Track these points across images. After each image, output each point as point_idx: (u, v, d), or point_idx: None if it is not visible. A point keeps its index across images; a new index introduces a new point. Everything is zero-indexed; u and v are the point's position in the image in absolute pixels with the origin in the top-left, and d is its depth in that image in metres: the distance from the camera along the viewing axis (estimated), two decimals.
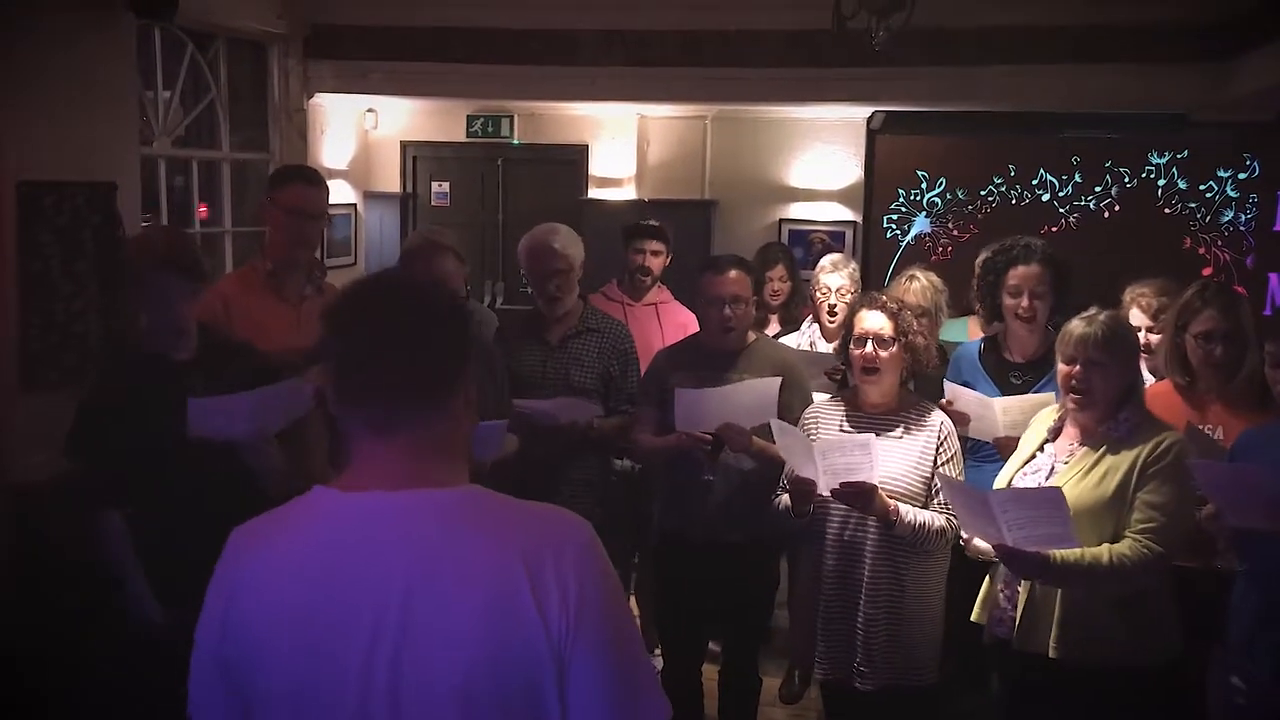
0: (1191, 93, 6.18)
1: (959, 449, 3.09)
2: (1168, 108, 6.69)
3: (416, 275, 1.65)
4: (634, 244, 4.49)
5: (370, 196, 8.02)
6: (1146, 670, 2.65)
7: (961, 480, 2.98)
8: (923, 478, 3.01)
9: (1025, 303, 3.39)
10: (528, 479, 3.07)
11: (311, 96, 6.78)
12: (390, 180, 8.16)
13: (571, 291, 3.73)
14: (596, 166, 7.82)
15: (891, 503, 2.90)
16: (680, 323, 4.39)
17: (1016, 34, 6.10)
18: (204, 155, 6.20)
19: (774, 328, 4.78)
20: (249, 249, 6.24)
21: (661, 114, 7.78)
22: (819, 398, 3.49)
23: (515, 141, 7.95)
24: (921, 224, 7.51)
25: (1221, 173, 7.18)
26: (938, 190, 7.46)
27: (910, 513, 2.93)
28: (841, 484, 2.84)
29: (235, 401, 2.81)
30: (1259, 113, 6.71)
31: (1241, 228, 7.20)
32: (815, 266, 4.61)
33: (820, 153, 7.71)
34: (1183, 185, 7.22)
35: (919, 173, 7.49)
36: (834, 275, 4.41)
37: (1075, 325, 2.77)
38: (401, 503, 1.34)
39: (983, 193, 7.40)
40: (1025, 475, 2.85)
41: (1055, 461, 2.82)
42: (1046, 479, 2.78)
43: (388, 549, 1.32)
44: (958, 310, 4.46)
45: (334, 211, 3.74)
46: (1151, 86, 6.16)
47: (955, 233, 7.44)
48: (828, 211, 7.73)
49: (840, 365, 3.54)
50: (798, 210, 7.77)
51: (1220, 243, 7.23)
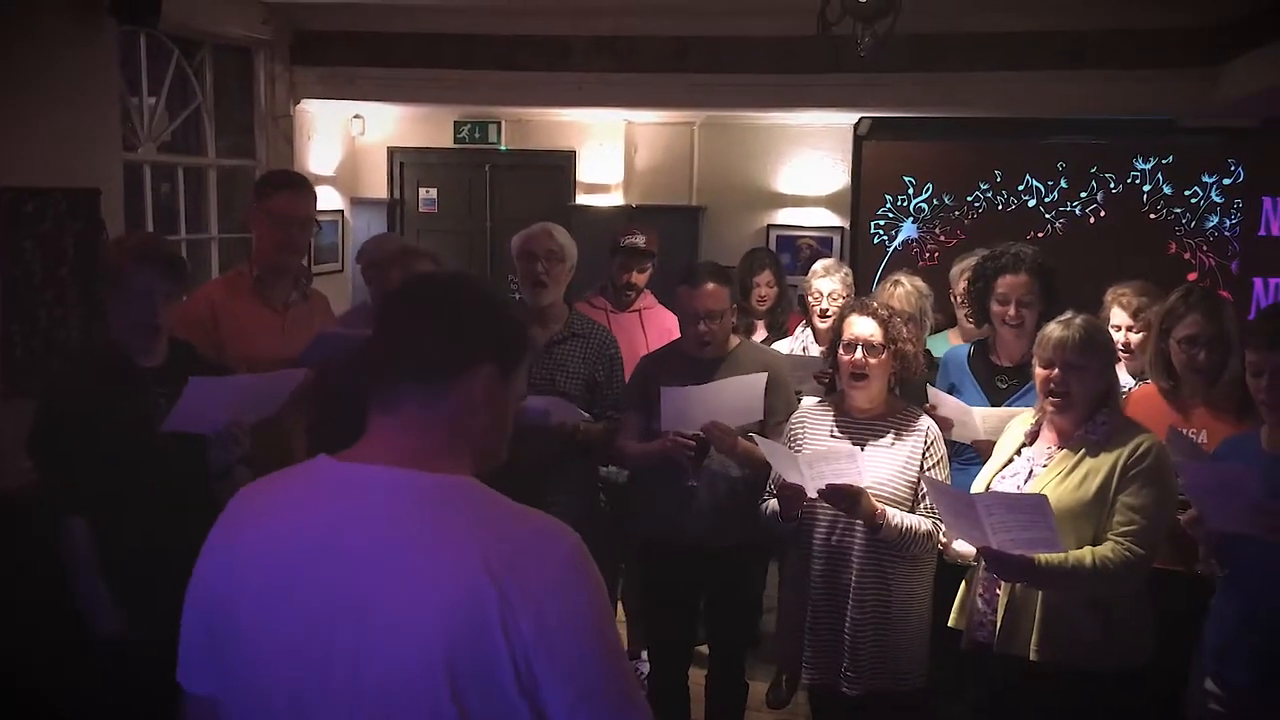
0: (1177, 99, 6.20)
1: (945, 454, 3.10)
2: (1154, 114, 6.72)
3: (393, 283, 1.69)
4: (623, 261, 4.46)
5: (357, 203, 8.01)
6: (1122, 673, 2.66)
7: (947, 484, 2.98)
8: (909, 482, 3.01)
9: (1012, 311, 3.41)
10: (514, 486, 3.05)
11: (298, 102, 6.77)
12: (377, 186, 8.15)
13: (559, 284, 3.70)
14: (584, 172, 7.82)
15: (878, 506, 2.90)
16: (665, 328, 4.38)
17: (1002, 40, 6.12)
18: (189, 161, 6.18)
19: (760, 333, 4.77)
20: (236, 255, 6.22)
21: (649, 120, 7.79)
22: (808, 401, 3.49)
23: (503, 147, 7.95)
24: (908, 230, 7.53)
25: (1206, 178, 7.22)
26: (924, 196, 7.48)
27: (897, 516, 2.93)
28: (829, 485, 2.84)
29: (231, 384, 2.79)
30: (1244, 118, 6.76)
31: (1226, 233, 7.23)
32: (803, 272, 4.61)
33: (808, 159, 7.72)
34: (1168, 190, 7.25)
35: (906, 179, 7.51)
36: (826, 280, 4.41)
37: (1052, 329, 2.78)
38: (387, 478, 1.35)
39: (969, 198, 7.43)
40: (1004, 478, 2.86)
41: (1034, 465, 2.83)
42: (1025, 482, 2.79)
43: (362, 521, 1.32)
44: (943, 315, 4.47)
45: (321, 218, 3.74)
46: (1137, 92, 6.18)
47: (942, 238, 7.46)
48: (815, 217, 7.74)
49: (829, 369, 3.54)
50: (785, 216, 7.77)
51: (1205, 248, 7.26)
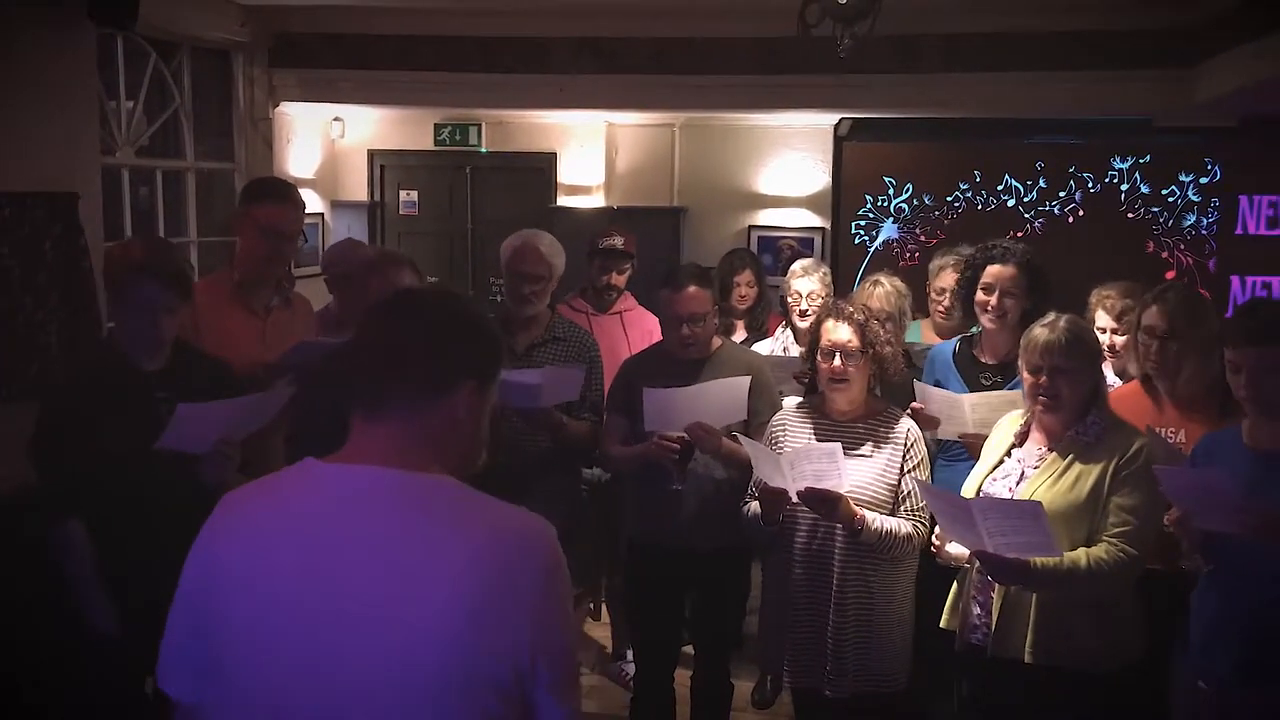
0: (1154, 99, 6.25)
1: (925, 456, 3.11)
2: (1131, 114, 6.77)
3: (371, 289, 1.74)
4: (601, 263, 4.46)
5: (337, 205, 7.98)
6: (1115, 673, 2.68)
7: (944, 490, 2.98)
8: (889, 485, 3.01)
9: (995, 301, 3.41)
10: (496, 488, 3.04)
11: (277, 105, 6.74)
12: (357, 189, 8.12)
13: (543, 300, 3.74)
14: (565, 174, 7.82)
15: (857, 510, 2.91)
16: (646, 329, 4.38)
17: (981, 41, 6.15)
18: (168, 165, 6.14)
19: (740, 334, 4.78)
20: (215, 258, 6.19)
21: (630, 122, 7.79)
22: (789, 402, 3.50)
23: (483, 149, 7.94)
24: (889, 230, 7.55)
25: (1184, 177, 7.27)
26: (905, 196, 7.51)
27: (877, 520, 2.94)
28: (808, 488, 2.85)
29: (220, 409, 2.78)
30: (1220, 118, 6.80)
31: (1204, 231, 7.29)
32: (785, 273, 4.62)
33: (788, 160, 7.74)
34: (1146, 190, 7.30)
35: (886, 179, 7.53)
36: (805, 280, 4.43)
37: (1038, 333, 2.78)
38: (374, 477, 1.39)
39: (949, 199, 7.46)
40: (994, 481, 2.87)
41: (1024, 467, 2.83)
42: (1017, 484, 2.80)
43: (351, 519, 1.36)
44: (922, 312, 4.49)
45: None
46: (1115, 93, 6.23)
47: (923, 238, 7.48)
48: (796, 218, 7.76)
49: (808, 370, 3.55)
50: (766, 217, 7.79)
51: (1183, 246, 7.31)
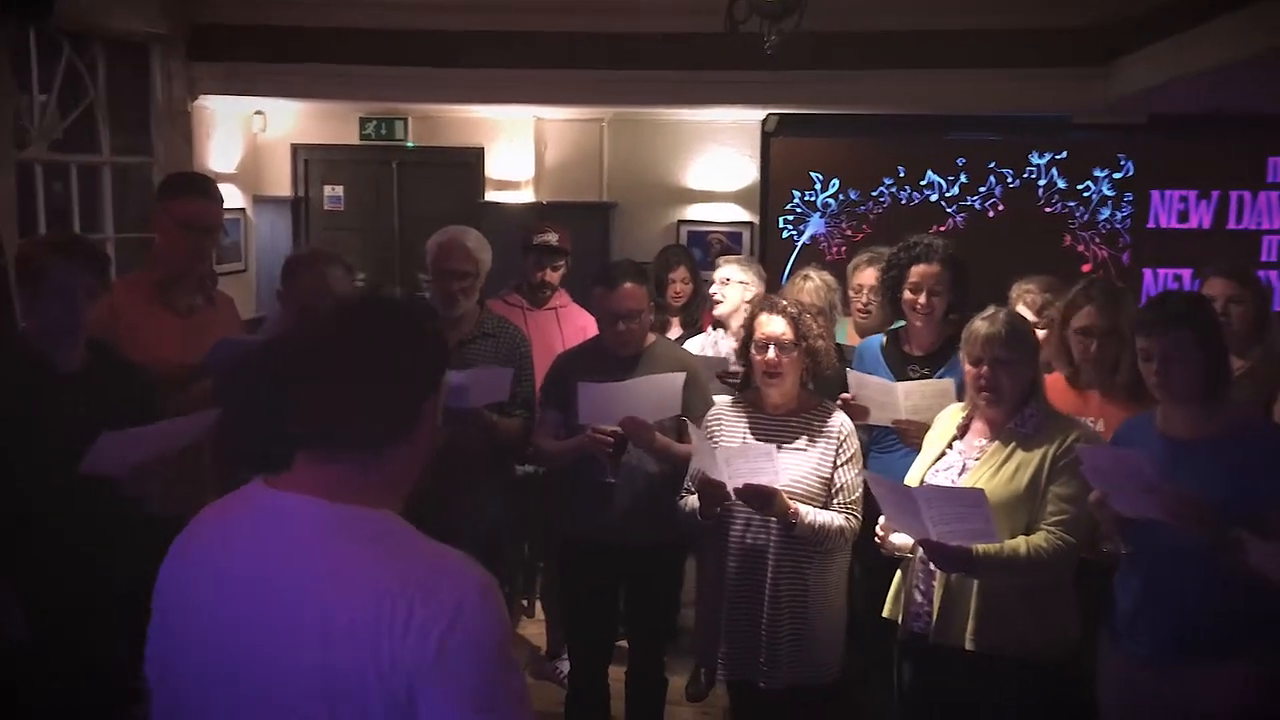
0: (1070, 96, 6.42)
1: (858, 449, 3.15)
2: (1048, 110, 6.93)
3: (303, 287, 1.65)
4: (536, 259, 4.45)
5: (260, 201, 7.83)
6: (1051, 659, 2.75)
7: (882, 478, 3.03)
8: (822, 479, 3.06)
9: (923, 299, 3.49)
10: (427, 488, 3.02)
11: (196, 99, 6.59)
12: (280, 184, 7.98)
13: (471, 297, 3.70)
14: (493, 169, 7.77)
15: (791, 504, 2.94)
16: (580, 326, 4.38)
17: (905, 39, 6.26)
18: (83, 159, 5.96)
19: (675, 330, 4.80)
20: (133, 255, 6.03)
21: (559, 116, 7.77)
22: (719, 400, 3.52)
23: (410, 144, 7.85)
24: (816, 224, 7.64)
25: (1098, 172, 7.47)
26: (831, 191, 7.60)
27: (811, 514, 2.98)
28: (745, 484, 2.87)
29: (143, 436, 2.71)
30: (1133, 115, 7.01)
31: (1118, 225, 7.50)
32: (714, 267, 4.65)
33: (717, 154, 7.79)
34: (1062, 185, 7.48)
35: (813, 174, 7.62)
36: (732, 268, 4.45)
37: (979, 326, 2.84)
38: (315, 511, 1.35)
39: (874, 193, 7.57)
40: (937, 472, 2.92)
41: (966, 458, 2.89)
42: (959, 475, 2.85)
43: (287, 552, 1.34)
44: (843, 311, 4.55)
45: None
46: (1033, 90, 6.38)
47: (849, 232, 7.59)
48: (725, 212, 7.81)
49: (735, 368, 3.58)
50: (696, 211, 7.83)
51: (1098, 240, 7.52)
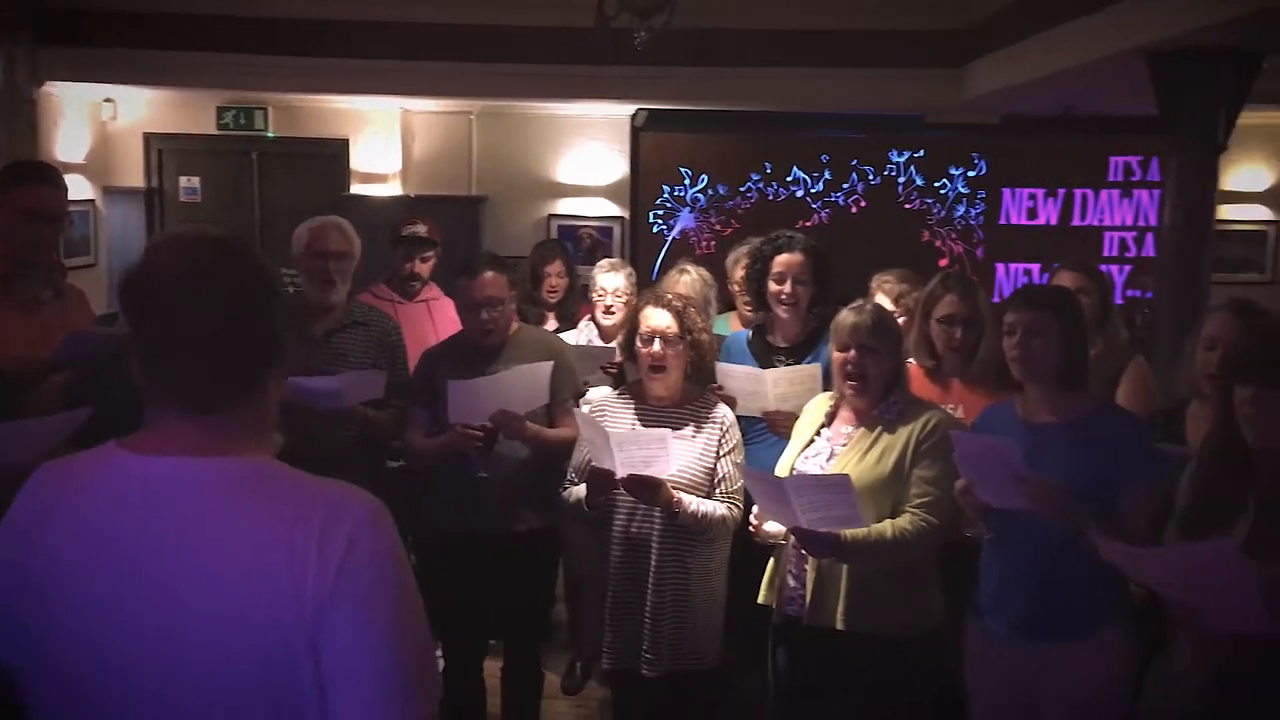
0: (927, 96, 6.66)
1: (740, 439, 3.21)
2: (907, 110, 7.18)
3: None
4: (405, 251, 4.38)
5: (110, 192, 7.50)
6: (919, 638, 2.86)
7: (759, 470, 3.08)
8: (706, 469, 3.10)
9: (788, 289, 3.56)
10: None
11: (42, 85, 6.27)
12: (133, 174, 7.65)
13: (345, 283, 3.62)
14: (359, 161, 7.62)
15: (675, 494, 2.98)
16: (452, 318, 4.31)
17: (771, 38, 6.39)
18: None
19: (551, 324, 4.78)
20: None
21: (426, 108, 7.67)
22: (602, 391, 3.53)
23: (270, 134, 7.63)
24: (686, 219, 7.73)
25: (954, 171, 7.77)
26: (700, 186, 7.70)
27: (694, 503, 3.02)
28: (631, 475, 2.89)
29: (7, 430, 2.56)
30: (986, 115, 7.31)
31: (972, 222, 7.82)
32: (584, 261, 4.66)
33: (587, 149, 7.80)
34: (920, 182, 7.76)
35: (682, 170, 7.71)
36: (611, 276, 4.46)
37: (846, 316, 2.94)
38: (191, 470, 1.32)
39: (742, 189, 7.71)
40: (806, 459, 3.00)
41: (833, 445, 2.98)
42: (827, 461, 2.93)
43: (161, 515, 1.30)
44: (721, 302, 4.61)
45: (70, 208, 3.44)
46: (892, 90, 6.60)
47: (718, 227, 7.70)
48: (596, 207, 7.83)
49: (617, 361, 3.59)
50: (567, 206, 7.83)
51: (954, 236, 7.82)
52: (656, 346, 3.09)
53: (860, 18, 6.31)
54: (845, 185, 7.74)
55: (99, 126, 7.39)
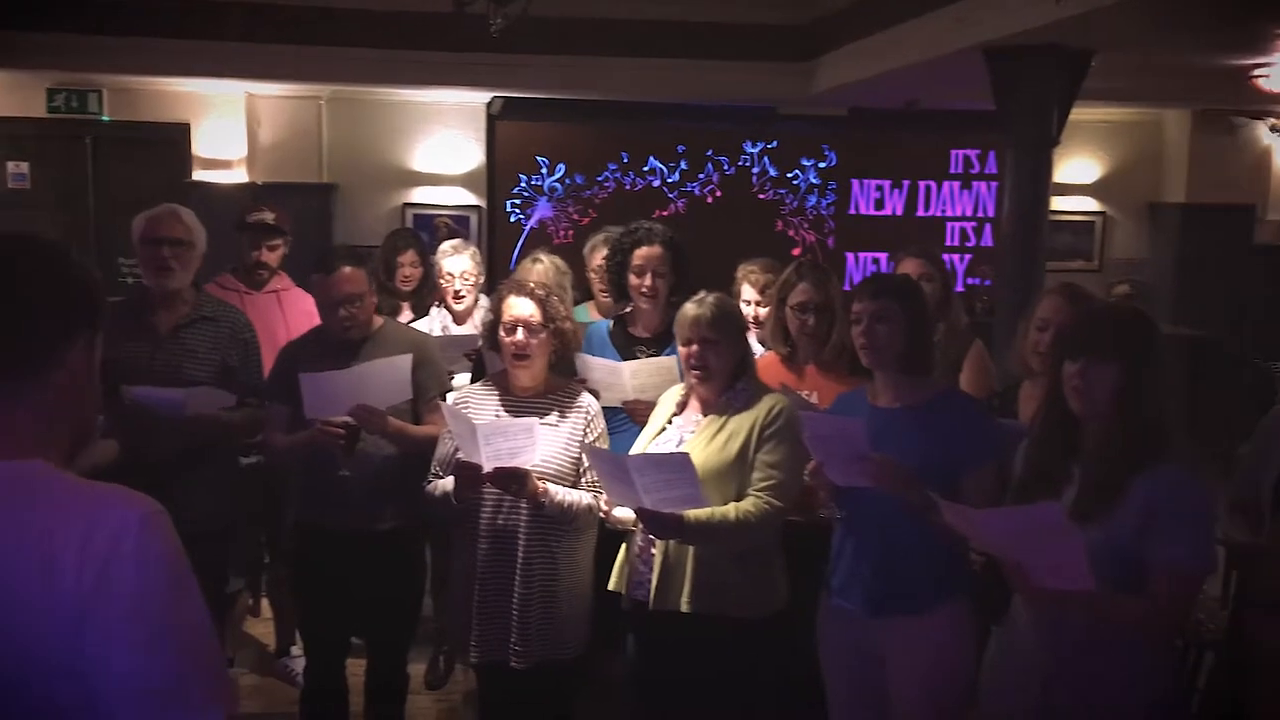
0: (778, 88, 6.81)
1: (605, 428, 3.23)
2: (760, 101, 7.32)
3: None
4: (251, 239, 4.24)
5: None
6: (765, 618, 2.93)
7: (604, 450, 3.10)
8: (572, 458, 3.10)
9: (648, 281, 3.60)
10: (147, 482, 2.82)
11: None
12: None
13: (186, 271, 3.47)
14: (201, 147, 7.35)
15: (541, 484, 2.97)
16: (304, 310, 4.21)
17: (628, 28, 6.42)
18: None
19: (406, 315, 4.70)
20: None
21: (272, 92, 7.43)
22: (460, 380, 3.49)
23: (105, 118, 7.28)
24: (543, 208, 7.71)
25: (805, 162, 7.97)
26: (557, 176, 7.69)
27: (560, 492, 3.02)
28: (496, 468, 2.87)
29: None
30: (835, 108, 7.52)
31: (823, 212, 8.03)
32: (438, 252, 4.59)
33: (443, 137, 7.70)
34: (773, 173, 7.93)
35: (539, 158, 7.68)
36: (455, 259, 4.42)
37: (688, 308, 3.00)
38: None
39: (599, 178, 7.73)
40: (657, 446, 3.04)
41: (683, 432, 3.03)
42: (676, 448, 2.97)
43: None
44: (579, 291, 4.63)
45: None
46: (746, 81, 6.72)
47: (576, 217, 7.71)
48: (452, 196, 7.74)
49: (477, 348, 3.56)
50: (422, 195, 7.71)
51: (806, 225, 8.02)
52: (520, 335, 3.07)
53: (714, 10, 6.41)
54: (701, 175, 7.85)
55: None
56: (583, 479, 3.10)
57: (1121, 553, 2.18)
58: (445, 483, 3.07)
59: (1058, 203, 7.61)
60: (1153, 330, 2.36)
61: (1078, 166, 8.26)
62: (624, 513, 2.93)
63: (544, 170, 7.69)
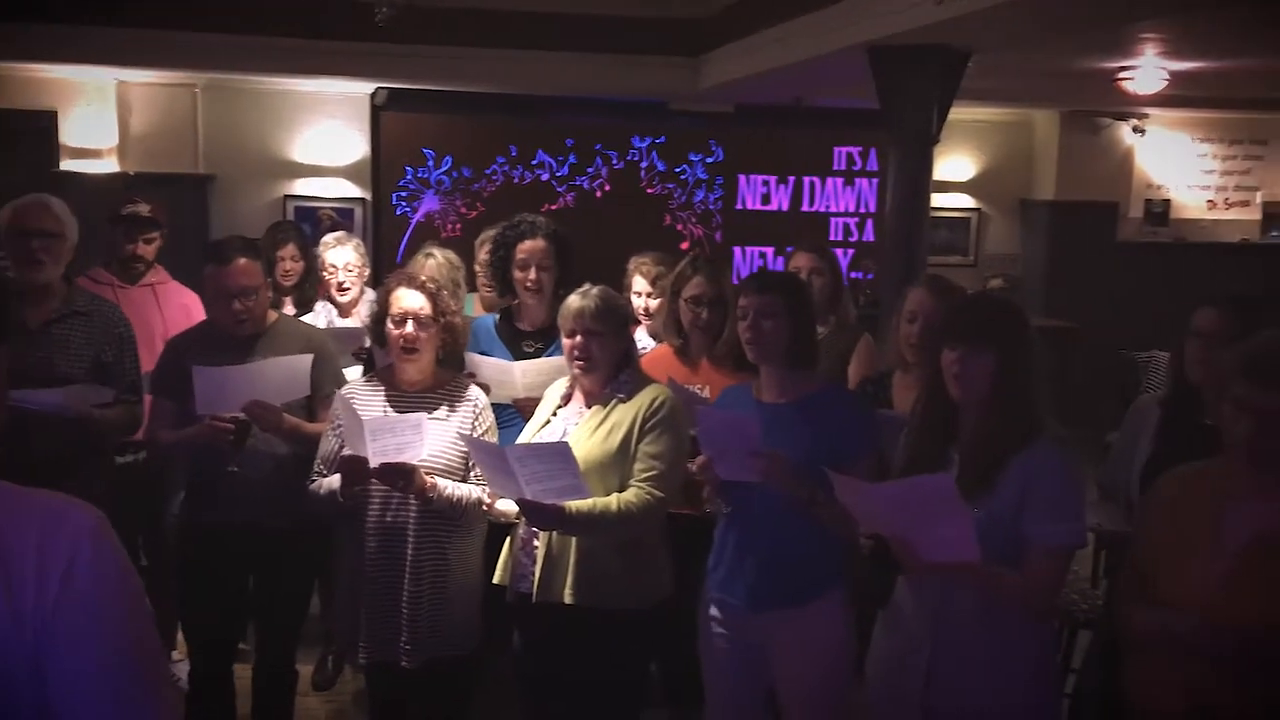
0: (666, 83, 6.85)
1: (494, 421, 3.20)
2: (648, 96, 7.36)
3: None
4: (125, 231, 4.10)
5: None
6: (645, 609, 2.95)
7: (485, 440, 3.08)
8: (461, 452, 3.07)
9: (533, 275, 3.59)
10: (23, 483, 2.69)
11: None
12: None
13: (57, 264, 3.33)
14: (69, 135, 7.06)
15: (429, 479, 2.94)
16: (182, 304, 4.09)
17: (516, 20, 6.38)
18: None
19: (289, 309, 4.59)
20: None
21: (144, 80, 7.16)
22: (351, 374, 3.43)
23: None
24: (430, 201, 7.61)
25: (693, 157, 8.04)
26: (445, 169, 7.60)
27: (449, 487, 2.98)
28: (383, 464, 2.83)
29: None
30: (722, 104, 7.61)
31: (711, 206, 8.12)
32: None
33: (326, 127, 7.53)
34: (662, 168, 7.98)
35: (425, 151, 7.58)
36: (338, 251, 4.35)
37: (572, 301, 3.01)
38: None
39: (487, 171, 7.67)
40: (542, 438, 3.03)
41: (567, 424, 3.03)
42: (561, 439, 2.97)
43: None
44: (472, 287, 4.59)
45: None
46: (634, 76, 6.74)
47: (463, 210, 7.63)
48: (335, 188, 7.58)
49: (366, 347, 3.50)
50: (304, 186, 7.53)
51: (694, 220, 8.10)
52: (409, 328, 3.03)
53: (604, 4, 6.41)
54: (590, 169, 7.85)
55: None
56: (472, 473, 3.07)
57: (1004, 529, 2.27)
58: (331, 480, 3.01)
59: (935, 199, 7.79)
60: (1024, 320, 2.47)
61: (954, 164, 8.53)
62: (506, 505, 2.92)
63: (430, 163, 7.58)
